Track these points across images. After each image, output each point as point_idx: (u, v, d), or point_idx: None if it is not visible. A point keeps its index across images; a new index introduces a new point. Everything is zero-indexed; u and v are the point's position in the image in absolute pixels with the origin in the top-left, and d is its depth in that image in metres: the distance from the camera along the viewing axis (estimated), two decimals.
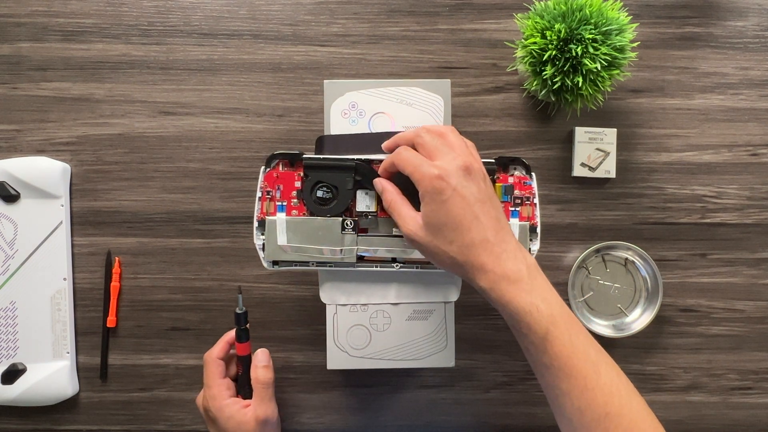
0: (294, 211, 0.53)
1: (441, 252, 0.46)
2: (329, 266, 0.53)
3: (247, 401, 0.56)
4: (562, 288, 0.63)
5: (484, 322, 0.65)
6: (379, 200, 0.53)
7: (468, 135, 0.62)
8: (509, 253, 0.45)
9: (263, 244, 0.53)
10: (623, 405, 0.43)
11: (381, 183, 0.50)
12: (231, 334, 0.58)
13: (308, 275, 0.64)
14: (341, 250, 0.53)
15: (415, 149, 0.48)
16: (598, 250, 0.63)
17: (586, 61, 0.54)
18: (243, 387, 0.57)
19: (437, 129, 0.48)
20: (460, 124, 0.64)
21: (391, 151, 0.50)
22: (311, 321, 0.65)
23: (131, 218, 0.64)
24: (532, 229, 0.53)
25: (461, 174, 0.45)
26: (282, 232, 0.52)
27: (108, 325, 0.64)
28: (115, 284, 0.64)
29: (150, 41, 0.64)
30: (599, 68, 0.54)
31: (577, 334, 0.44)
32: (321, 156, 0.53)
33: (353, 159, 0.52)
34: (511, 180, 0.54)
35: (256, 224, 0.53)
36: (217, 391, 0.55)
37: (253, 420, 0.54)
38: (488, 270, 0.44)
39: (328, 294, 0.56)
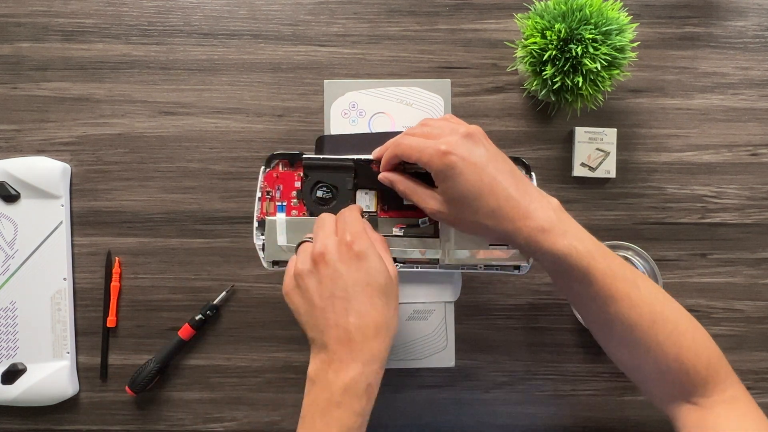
0: (294, 211, 0.53)
1: (470, 222, 0.45)
2: None
3: None
4: None
5: (484, 322, 0.65)
6: (378, 200, 0.53)
7: None
8: (535, 202, 0.45)
9: (263, 245, 0.52)
10: (665, 310, 0.46)
11: (387, 176, 0.50)
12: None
13: None
14: None
15: None
16: None
17: (586, 61, 0.54)
18: None
19: (419, 123, 0.49)
20: None
21: (381, 158, 0.50)
22: None
23: (131, 218, 0.64)
24: None
25: (465, 141, 0.45)
26: (282, 232, 0.52)
27: (108, 325, 0.64)
28: (115, 284, 0.64)
29: (150, 41, 0.64)
30: (599, 68, 0.54)
31: (613, 259, 0.46)
32: (321, 156, 0.53)
33: (353, 159, 0.52)
34: None
35: (256, 224, 0.53)
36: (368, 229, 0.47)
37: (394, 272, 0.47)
38: (521, 226, 0.44)
39: None
